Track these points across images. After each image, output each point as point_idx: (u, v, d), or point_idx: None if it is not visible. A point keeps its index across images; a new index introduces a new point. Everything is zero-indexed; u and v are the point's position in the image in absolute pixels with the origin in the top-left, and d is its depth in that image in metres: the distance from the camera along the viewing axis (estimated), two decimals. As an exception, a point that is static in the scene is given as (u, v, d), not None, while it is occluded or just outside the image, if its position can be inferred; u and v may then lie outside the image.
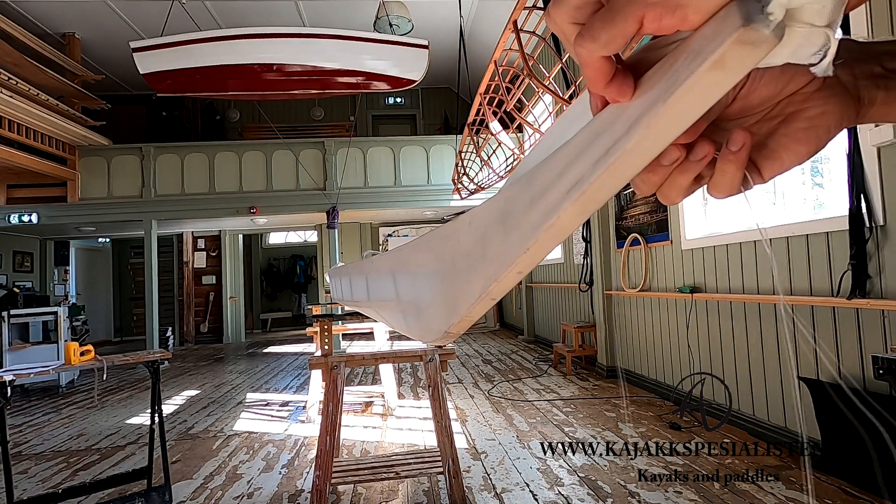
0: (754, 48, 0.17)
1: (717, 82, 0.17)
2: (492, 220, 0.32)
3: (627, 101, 0.22)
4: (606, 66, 0.22)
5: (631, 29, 0.19)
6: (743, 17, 0.16)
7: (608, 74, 0.22)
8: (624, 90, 0.22)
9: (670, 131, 0.19)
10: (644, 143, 0.19)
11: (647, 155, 0.20)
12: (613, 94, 0.22)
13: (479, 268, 0.32)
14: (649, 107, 0.19)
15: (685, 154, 0.25)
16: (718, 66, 0.17)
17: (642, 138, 0.19)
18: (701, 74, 0.17)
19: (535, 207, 0.26)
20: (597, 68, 0.22)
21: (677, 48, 0.20)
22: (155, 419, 2.51)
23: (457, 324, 0.35)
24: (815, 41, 0.19)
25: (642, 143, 0.19)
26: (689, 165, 0.26)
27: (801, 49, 0.19)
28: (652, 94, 0.19)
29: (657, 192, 0.28)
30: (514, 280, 0.29)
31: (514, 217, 0.28)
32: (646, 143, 0.19)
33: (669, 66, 0.19)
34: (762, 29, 0.16)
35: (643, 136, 0.19)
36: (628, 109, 0.21)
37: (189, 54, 4.24)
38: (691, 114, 0.18)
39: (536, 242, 0.25)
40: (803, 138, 0.26)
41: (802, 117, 0.26)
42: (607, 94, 0.23)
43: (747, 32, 0.16)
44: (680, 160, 0.25)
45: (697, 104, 0.18)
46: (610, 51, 0.21)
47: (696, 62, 0.17)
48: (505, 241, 0.29)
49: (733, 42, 0.16)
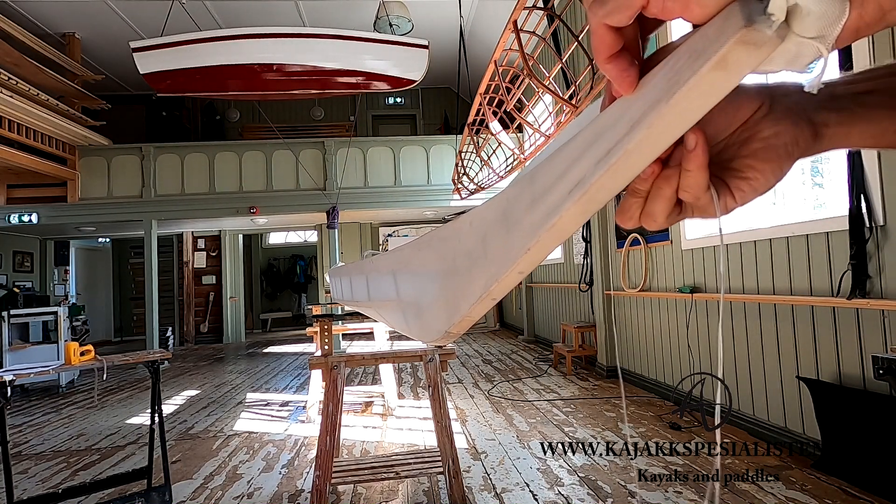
0: (756, 49, 0.17)
1: (720, 82, 0.17)
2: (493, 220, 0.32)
3: (628, 93, 0.23)
4: (609, 38, 0.23)
5: (637, 1, 0.20)
6: (745, 18, 0.16)
7: (611, 48, 0.23)
8: (624, 75, 0.23)
9: (672, 131, 0.19)
10: (646, 142, 0.19)
11: (648, 155, 0.20)
12: (614, 73, 0.23)
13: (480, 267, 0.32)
14: (651, 107, 0.19)
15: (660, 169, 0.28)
16: (721, 67, 0.17)
17: (644, 138, 0.19)
18: (703, 74, 0.17)
19: (536, 207, 0.26)
20: (600, 36, 0.23)
21: (679, 49, 0.20)
22: (155, 419, 2.51)
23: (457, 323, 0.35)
24: (807, 52, 0.19)
25: (644, 143, 0.19)
26: (663, 180, 0.29)
27: (796, 59, 0.20)
28: (654, 93, 0.19)
29: (641, 216, 0.31)
30: (515, 280, 0.29)
31: (515, 217, 0.28)
32: (648, 143, 0.19)
33: (672, 67, 0.19)
34: (764, 30, 0.16)
35: (645, 136, 0.19)
36: (630, 109, 0.21)
37: (189, 54, 4.24)
38: (693, 114, 0.18)
39: (538, 242, 0.25)
40: (763, 157, 0.29)
41: (758, 138, 0.29)
42: (607, 72, 0.24)
43: (749, 33, 0.16)
44: (656, 174, 0.28)
45: (700, 104, 0.18)
46: (615, 20, 0.22)
47: (699, 62, 0.17)
48: (506, 241, 0.29)
49: (735, 42, 0.16)
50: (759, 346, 3.01)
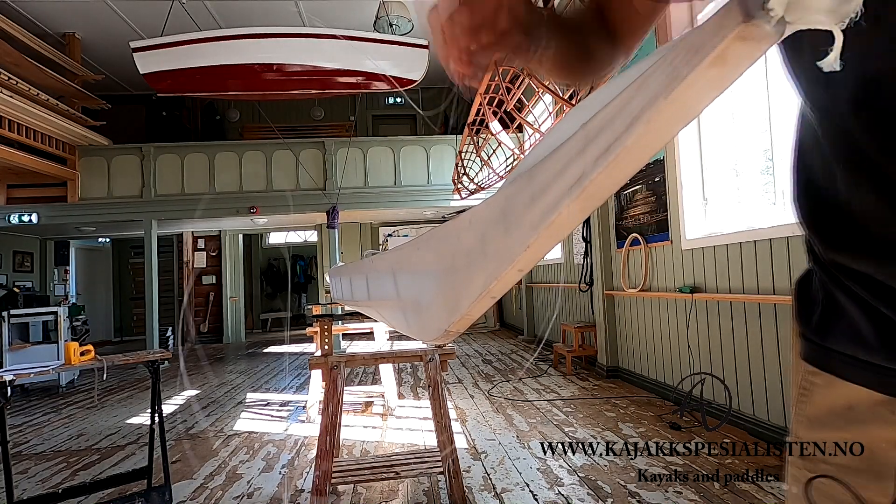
0: (755, 44, 0.17)
1: (718, 78, 0.17)
2: (492, 219, 0.31)
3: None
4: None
5: None
6: (744, 13, 0.16)
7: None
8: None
9: (671, 127, 0.19)
10: (645, 139, 0.19)
11: (647, 151, 0.20)
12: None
13: (480, 266, 0.31)
14: (650, 102, 0.19)
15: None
16: (719, 62, 0.17)
17: (643, 134, 0.19)
18: (702, 70, 0.17)
19: (535, 205, 0.26)
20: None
21: (677, 44, 0.20)
22: (155, 419, 2.50)
23: (457, 322, 0.35)
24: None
25: (643, 140, 0.19)
26: None
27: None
28: (653, 89, 0.19)
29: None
30: (514, 278, 0.29)
31: (514, 215, 0.28)
32: (647, 139, 0.19)
33: (670, 62, 0.19)
34: (763, 25, 0.16)
35: (644, 132, 0.19)
36: (630, 105, 0.21)
37: (189, 54, 4.24)
38: (692, 109, 0.18)
39: (537, 240, 0.25)
40: None
41: None
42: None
43: (748, 28, 0.16)
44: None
45: (698, 100, 0.18)
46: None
47: (698, 58, 0.17)
48: (505, 239, 0.29)
49: (734, 38, 0.16)
50: (759, 346, 3.01)
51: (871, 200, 0.33)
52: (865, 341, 0.34)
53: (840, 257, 0.36)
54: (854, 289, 0.35)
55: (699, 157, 3.78)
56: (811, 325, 0.41)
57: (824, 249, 0.37)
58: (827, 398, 0.39)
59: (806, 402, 0.41)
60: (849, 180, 0.34)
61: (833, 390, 0.38)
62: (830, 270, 0.37)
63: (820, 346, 0.40)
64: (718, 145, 3.66)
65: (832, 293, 0.38)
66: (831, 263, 0.37)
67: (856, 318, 0.35)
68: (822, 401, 0.39)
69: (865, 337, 0.34)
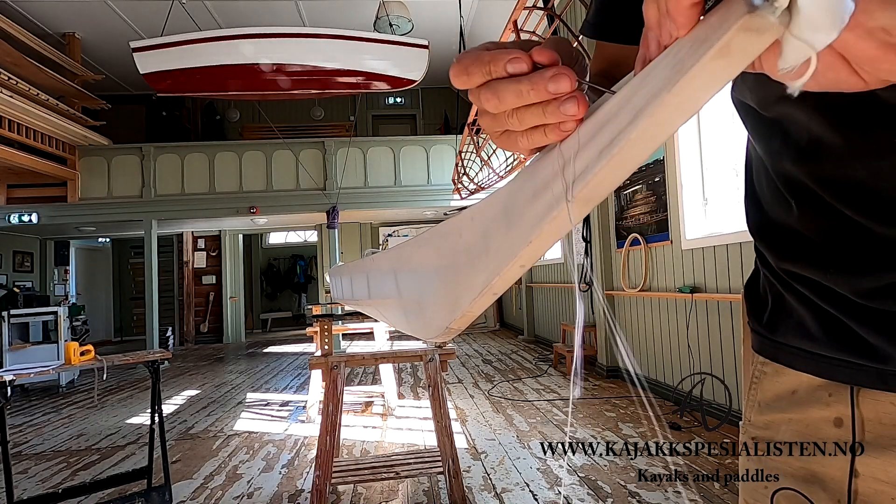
0: (759, 35, 0.17)
1: (722, 70, 0.17)
2: (494, 215, 0.31)
3: None
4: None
5: None
6: (748, 4, 0.16)
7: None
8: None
9: (675, 120, 0.19)
10: (649, 131, 0.19)
11: (651, 144, 0.20)
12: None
13: (482, 262, 0.31)
14: (654, 95, 0.19)
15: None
16: (724, 54, 0.17)
17: (647, 127, 0.19)
18: (706, 62, 0.17)
19: (538, 200, 0.26)
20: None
21: (682, 38, 0.20)
22: (155, 419, 2.50)
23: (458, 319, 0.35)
24: (798, 52, 0.18)
25: (647, 132, 0.19)
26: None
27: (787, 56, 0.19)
28: (657, 82, 0.19)
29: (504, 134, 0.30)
30: (516, 274, 0.29)
31: (516, 210, 0.28)
32: (650, 132, 0.19)
33: (675, 55, 0.19)
34: (767, 16, 0.16)
35: (648, 125, 0.19)
36: (634, 98, 0.21)
37: (189, 54, 4.24)
38: (696, 102, 0.18)
39: (540, 235, 0.25)
40: None
41: None
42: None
43: (752, 19, 0.16)
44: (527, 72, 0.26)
45: (703, 92, 0.18)
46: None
47: (702, 49, 0.17)
48: (507, 235, 0.29)
49: (738, 29, 0.16)
50: (759, 346, 3.01)
51: (814, 223, 0.37)
52: (812, 335, 0.39)
53: (791, 266, 0.40)
54: (803, 291, 0.39)
55: (699, 156, 3.78)
56: (762, 322, 0.45)
57: (776, 259, 0.42)
58: (774, 385, 0.44)
59: (757, 388, 0.46)
60: (791, 202, 0.38)
61: (780, 378, 0.43)
62: (781, 276, 0.42)
63: (770, 339, 0.44)
64: (718, 145, 3.66)
65: (781, 294, 0.42)
66: (783, 271, 0.41)
67: (803, 316, 0.40)
68: (771, 387, 0.44)
69: (812, 332, 0.39)
